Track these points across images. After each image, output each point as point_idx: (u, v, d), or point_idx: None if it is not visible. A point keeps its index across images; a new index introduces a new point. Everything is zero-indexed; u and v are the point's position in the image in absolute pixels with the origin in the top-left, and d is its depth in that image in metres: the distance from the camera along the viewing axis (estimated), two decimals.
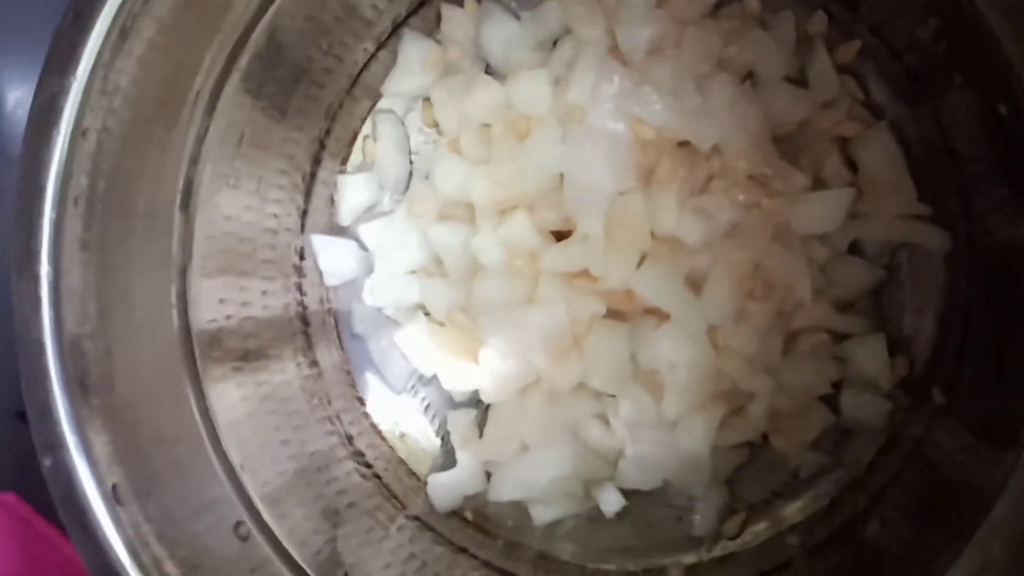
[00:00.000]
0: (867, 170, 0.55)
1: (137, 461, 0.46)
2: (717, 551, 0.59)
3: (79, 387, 0.44)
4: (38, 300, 0.42)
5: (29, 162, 0.40)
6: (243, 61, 0.52)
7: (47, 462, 0.42)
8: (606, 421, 0.59)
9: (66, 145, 0.40)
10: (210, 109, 0.52)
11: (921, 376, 0.55)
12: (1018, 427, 0.42)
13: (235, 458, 0.53)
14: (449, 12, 0.61)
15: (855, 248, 0.57)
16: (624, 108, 0.55)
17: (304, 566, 0.51)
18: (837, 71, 0.56)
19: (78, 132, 0.41)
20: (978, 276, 0.52)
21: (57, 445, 0.42)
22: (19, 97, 0.58)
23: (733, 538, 0.59)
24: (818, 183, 0.56)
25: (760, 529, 0.59)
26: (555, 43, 0.60)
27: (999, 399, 0.46)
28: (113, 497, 0.43)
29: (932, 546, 0.44)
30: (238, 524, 0.50)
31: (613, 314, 0.58)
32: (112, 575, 0.41)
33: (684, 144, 0.56)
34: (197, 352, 0.53)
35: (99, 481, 0.43)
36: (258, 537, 0.51)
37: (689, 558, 0.60)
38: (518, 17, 0.61)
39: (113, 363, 0.46)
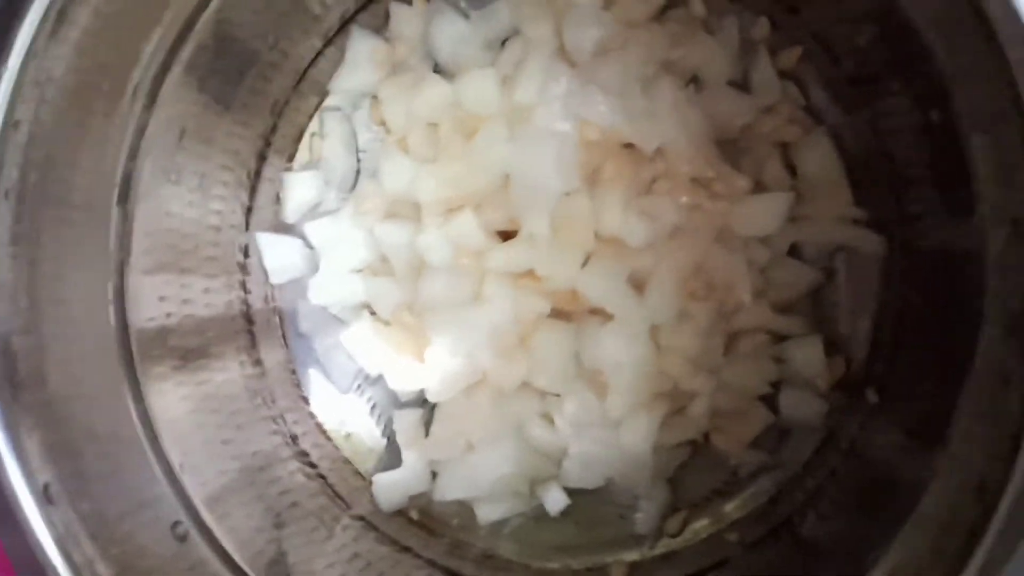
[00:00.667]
0: (806, 174, 0.57)
1: (70, 459, 0.45)
2: (659, 549, 0.60)
3: (8, 384, 0.43)
4: None
5: None
6: (185, 53, 0.51)
7: None
8: (551, 420, 0.59)
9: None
10: (150, 102, 0.51)
11: (856, 376, 0.56)
12: (944, 425, 0.43)
13: (174, 458, 0.52)
14: (398, 9, 0.61)
15: (794, 251, 0.58)
16: (571, 108, 0.56)
17: (244, 566, 0.51)
18: (779, 76, 0.57)
19: (9, 123, 0.40)
20: (911, 279, 0.53)
21: None
22: None
23: (675, 536, 0.60)
24: (759, 186, 0.57)
25: (701, 526, 0.60)
26: (504, 43, 0.61)
27: (929, 399, 0.47)
28: (44, 496, 0.42)
29: (864, 540, 0.45)
30: (176, 524, 0.49)
31: (558, 314, 0.58)
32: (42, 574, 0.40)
33: (629, 146, 0.57)
34: (135, 350, 0.52)
35: (29, 479, 0.42)
36: (197, 537, 0.50)
37: (632, 556, 0.60)
38: (467, 16, 0.61)
39: (45, 360, 0.45)
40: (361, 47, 0.62)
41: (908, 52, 0.44)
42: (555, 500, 0.61)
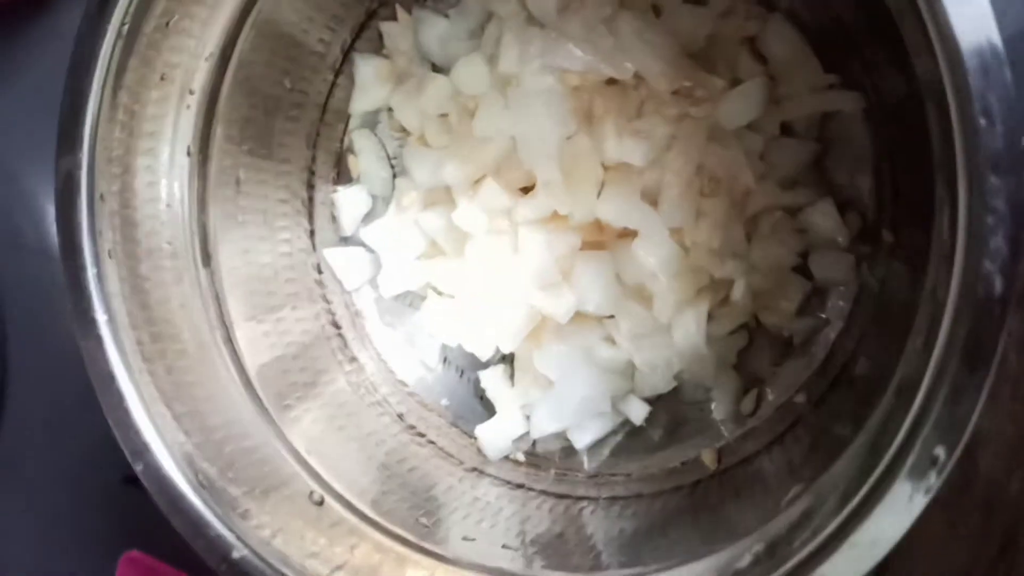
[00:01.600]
0: (775, 58, 0.61)
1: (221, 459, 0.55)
2: (740, 429, 0.65)
3: (156, 407, 0.53)
4: (99, 339, 0.51)
5: (63, 227, 0.49)
6: (220, 113, 0.61)
7: (139, 466, 0.50)
8: (612, 340, 0.66)
9: (88, 209, 0.50)
10: (204, 159, 0.60)
11: (871, 224, 0.60)
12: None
13: (300, 445, 0.61)
14: (387, 28, 0.70)
15: (786, 130, 0.63)
16: (549, 64, 0.63)
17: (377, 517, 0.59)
18: None
19: (96, 196, 0.50)
20: (891, 125, 0.58)
21: (144, 450, 0.50)
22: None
23: (751, 414, 0.65)
24: (737, 82, 0.62)
25: (772, 399, 0.65)
26: (483, 28, 0.68)
27: (923, 222, 0.51)
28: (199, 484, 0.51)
29: (896, 361, 0.49)
30: (311, 492, 0.58)
31: (591, 244, 0.65)
32: (210, 543, 0.49)
33: (611, 81, 0.63)
34: (261, 392, 0.61)
35: (184, 473, 0.51)
36: (331, 501, 0.59)
37: (718, 441, 0.66)
38: (447, 15, 0.69)
39: (180, 392, 0.55)
40: (366, 70, 0.70)
41: None
42: (637, 411, 0.67)
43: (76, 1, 0.72)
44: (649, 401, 0.67)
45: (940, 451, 0.39)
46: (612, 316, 0.65)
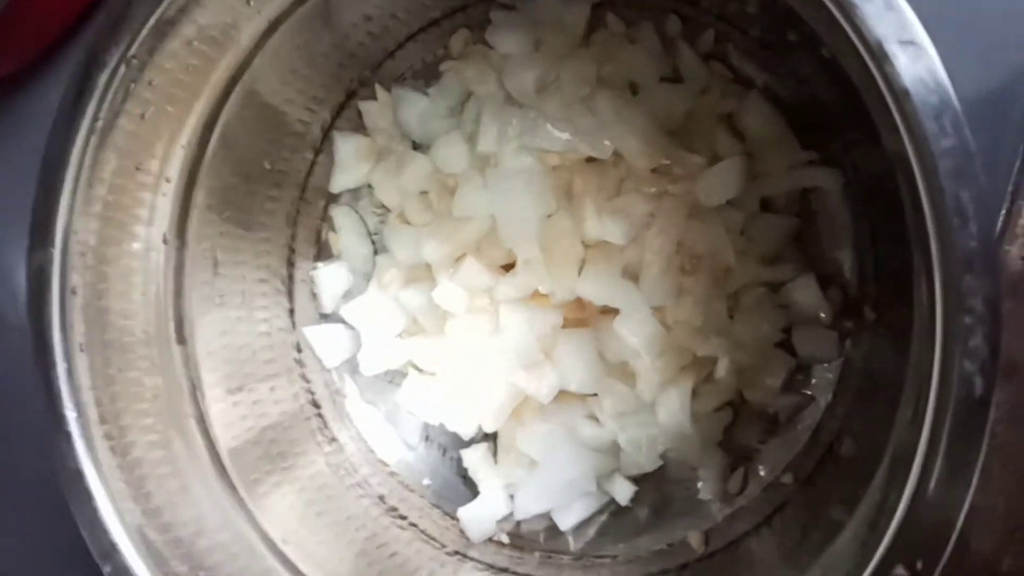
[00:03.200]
0: (752, 135, 0.62)
1: (191, 557, 0.53)
2: (727, 509, 0.64)
3: (125, 504, 0.52)
4: (68, 435, 0.49)
5: (34, 321, 0.48)
6: (198, 197, 0.61)
7: (107, 568, 0.49)
8: (595, 418, 0.65)
9: (60, 303, 0.49)
10: (181, 244, 0.60)
11: (854, 300, 0.60)
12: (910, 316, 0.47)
13: (275, 535, 0.59)
14: (367, 106, 0.70)
15: (766, 206, 0.62)
16: (528, 143, 0.63)
17: None
18: (703, 59, 0.63)
19: (67, 290, 0.49)
20: (870, 200, 0.58)
21: (112, 551, 0.49)
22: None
23: (739, 493, 0.64)
24: (716, 159, 0.62)
25: (759, 478, 0.64)
26: (463, 106, 0.68)
27: (904, 297, 0.51)
28: None
29: (884, 441, 0.49)
30: None
31: (573, 322, 0.64)
32: None
33: (590, 160, 0.63)
34: (231, 469, 0.60)
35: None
36: None
37: (705, 523, 0.64)
38: (426, 94, 0.69)
39: (149, 483, 0.54)
40: (346, 148, 0.70)
41: (780, 9, 0.49)
42: (623, 490, 0.66)
43: (53, 81, 0.73)
44: (635, 480, 0.66)
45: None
46: (595, 394, 0.64)
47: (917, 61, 0.36)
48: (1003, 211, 0.56)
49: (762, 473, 0.64)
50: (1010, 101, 0.57)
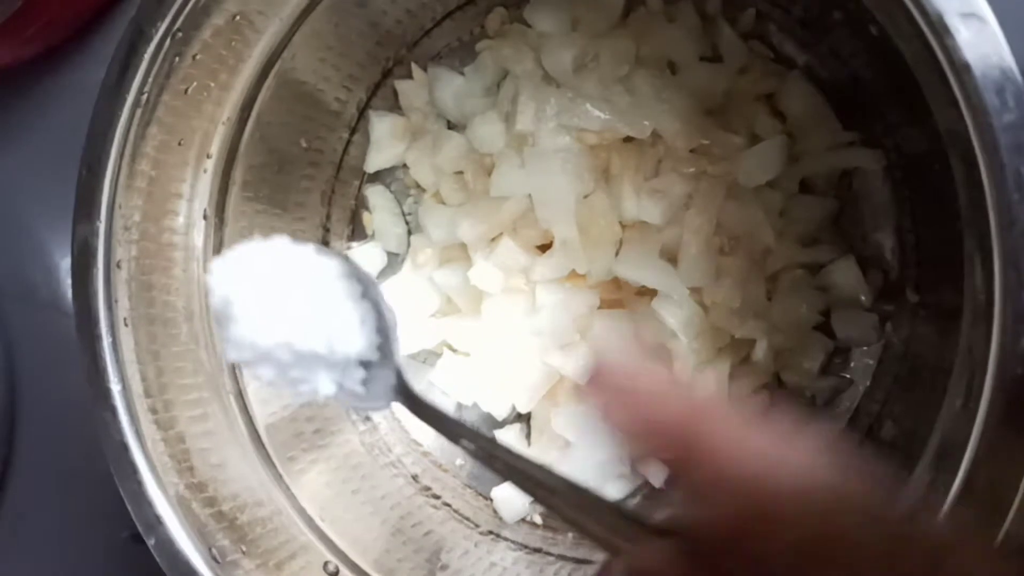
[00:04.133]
0: (793, 116, 0.61)
1: (231, 528, 0.54)
2: None
3: (169, 477, 0.52)
4: (113, 409, 0.50)
5: (79, 295, 0.49)
6: (237, 175, 0.61)
7: (151, 540, 0.49)
8: None
9: (104, 277, 0.49)
10: (220, 222, 0.60)
11: (895, 282, 0.60)
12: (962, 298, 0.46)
13: (313, 512, 0.60)
14: (403, 86, 0.70)
15: (805, 187, 0.62)
16: (566, 123, 0.62)
17: None
18: (743, 39, 0.62)
19: (112, 264, 0.50)
20: (912, 182, 0.57)
21: (157, 523, 0.49)
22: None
23: None
24: (755, 140, 0.62)
25: None
26: (499, 85, 0.68)
27: (950, 279, 0.50)
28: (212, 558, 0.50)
29: (927, 426, 0.48)
30: (326, 563, 0.57)
31: (610, 303, 0.64)
32: None
33: (628, 139, 0.63)
34: (268, 446, 0.61)
35: (198, 547, 0.50)
36: (346, 571, 0.57)
37: None
38: (462, 73, 0.69)
39: (192, 457, 0.54)
40: (381, 127, 0.70)
41: None
42: (656, 473, 0.65)
43: (90, 56, 0.73)
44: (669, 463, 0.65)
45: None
46: None
47: (979, 34, 0.35)
48: None
49: None
50: None
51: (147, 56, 0.48)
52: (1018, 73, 0.35)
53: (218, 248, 0.60)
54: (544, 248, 0.65)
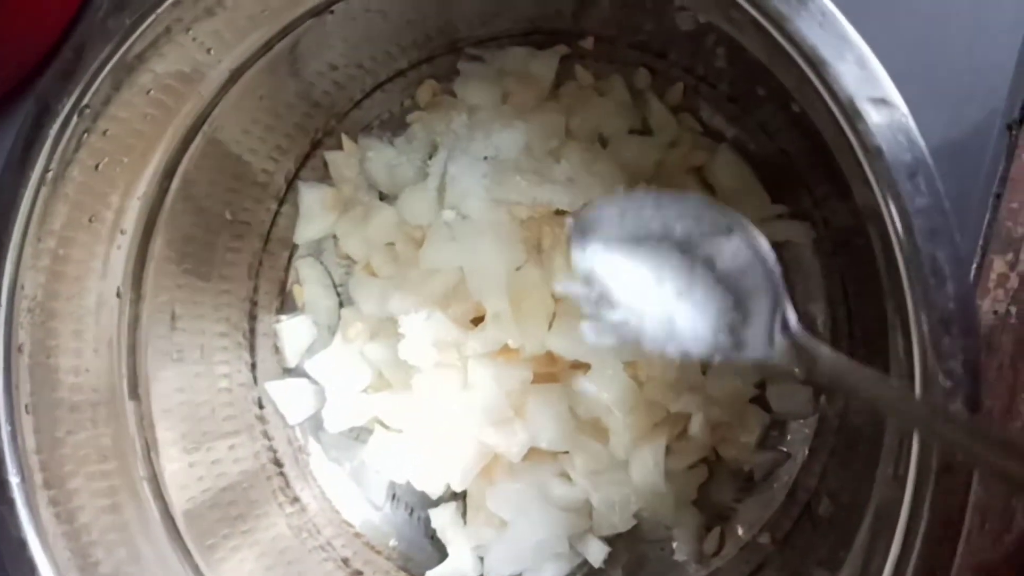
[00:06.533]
0: (722, 187, 0.61)
1: None
2: (703, 570, 0.62)
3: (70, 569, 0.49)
4: (11, 502, 0.47)
5: None
6: (155, 249, 0.59)
7: None
8: (567, 476, 0.63)
9: (4, 362, 0.46)
10: (137, 296, 0.58)
11: None
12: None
13: None
14: (333, 156, 0.68)
15: None
16: (497, 196, 0.62)
17: None
18: (673, 112, 0.62)
19: (13, 348, 0.47)
20: (841, 255, 0.57)
21: None
22: None
23: (716, 553, 0.62)
24: None
25: (736, 537, 0.62)
26: (430, 157, 0.67)
27: (878, 350, 0.50)
28: None
29: (862, 500, 0.47)
30: None
31: (544, 377, 0.63)
32: None
33: (560, 212, 0.62)
34: (184, 532, 0.58)
35: None
36: None
37: None
38: (393, 144, 0.68)
39: (95, 551, 0.51)
40: (311, 198, 0.69)
41: (751, 64, 0.49)
42: (596, 551, 0.63)
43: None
44: (608, 541, 0.63)
45: None
46: (567, 452, 0.63)
47: (890, 119, 0.35)
48: (974, 265, 0.56)
49: (739, 533, 0.62)
50: (979, 153, 0.57)
51: (53, 132, 0.46)
52: (929, 157, 0.35)
53: (134, 325, 0.58)
54: (477, 322, 0.63)
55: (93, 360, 0.54)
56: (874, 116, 0.35)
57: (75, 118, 0.47)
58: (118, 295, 0.55)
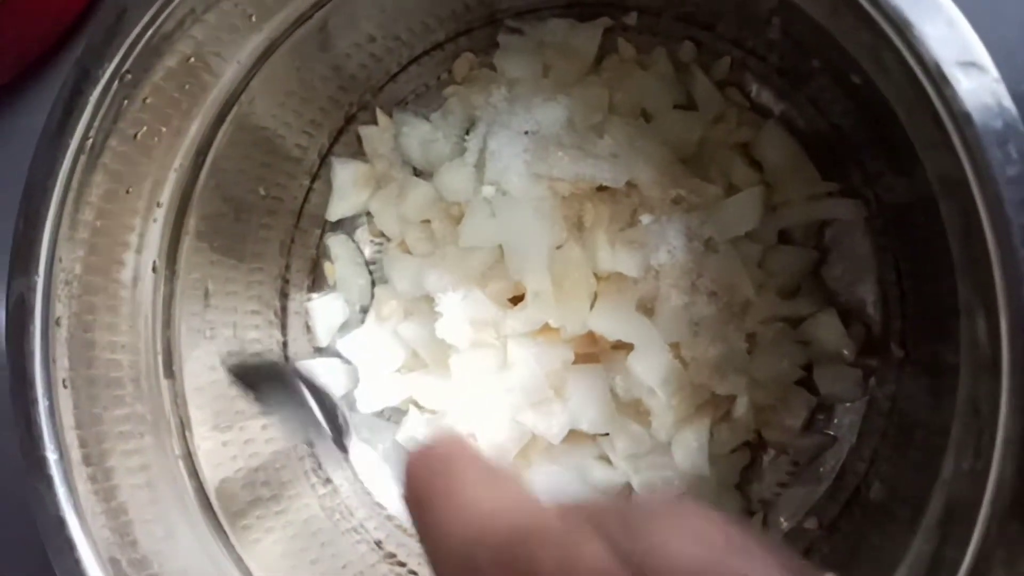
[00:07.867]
0: (770, 165, 0.59)
1: None
2: None
3: (110, 553, 0.47)
4: (49, 479, 0.46)
5: (13, 356, 0.45)
6: (190, 224, 0.57)
7: None
8: (607, 460, 0.62)
9: (42, 335, 0.45)
10: (171, 274, 0.57)
11: (878, 336, 0.58)
12: (956, 353, 0.44)
13: None
14: (367, 131, 0.67)
15: (784, 238, 0.60)
16: (538, 172, 0.60)
17: None
18: (718, 86, 0.61)
19: (51, 321, 0.46)
20: (894, 233, 0.55)
21: None
22: None
23: None
24: (732, 189, 0.60)
25: (779, 523, 0.60)
26: (467, 132, 0.66)
27: (939, 333, 0.49)
28: None
29: (921, 489, 0.46)
30: None
31: (584, 357, 0.61)
32: None
33: (602, 188, 0.61)
34: (218, 509, 0.57)
35: None
36: None
37: None
38: (428, 119, 0.67)
39: (135, 529, 0.50)
40: (344, 175, 0.67)
41: (809, 33, 0.47)
42: None
43: (32, 100, 0.70)
44: None
45: None
46: (607, 434, 0.61)
47: (979, 84, 0.34)
48: None
49: (782, 519, 0.60)
50: None
51: (93, 99, 0.45)
52: (1021, 125, 0.33)
53: (168, 301, 0.57)
54: (515, 301, 0.62)
55: (129, 336, 0.52)
56: (964, 81, 0.34)
57: (116, 84, 0.45)
58: (154, 270, 0.54)
